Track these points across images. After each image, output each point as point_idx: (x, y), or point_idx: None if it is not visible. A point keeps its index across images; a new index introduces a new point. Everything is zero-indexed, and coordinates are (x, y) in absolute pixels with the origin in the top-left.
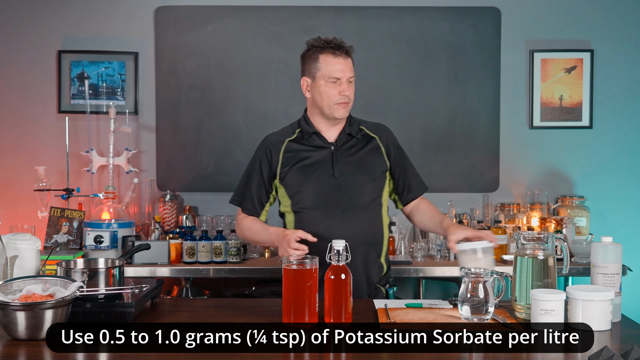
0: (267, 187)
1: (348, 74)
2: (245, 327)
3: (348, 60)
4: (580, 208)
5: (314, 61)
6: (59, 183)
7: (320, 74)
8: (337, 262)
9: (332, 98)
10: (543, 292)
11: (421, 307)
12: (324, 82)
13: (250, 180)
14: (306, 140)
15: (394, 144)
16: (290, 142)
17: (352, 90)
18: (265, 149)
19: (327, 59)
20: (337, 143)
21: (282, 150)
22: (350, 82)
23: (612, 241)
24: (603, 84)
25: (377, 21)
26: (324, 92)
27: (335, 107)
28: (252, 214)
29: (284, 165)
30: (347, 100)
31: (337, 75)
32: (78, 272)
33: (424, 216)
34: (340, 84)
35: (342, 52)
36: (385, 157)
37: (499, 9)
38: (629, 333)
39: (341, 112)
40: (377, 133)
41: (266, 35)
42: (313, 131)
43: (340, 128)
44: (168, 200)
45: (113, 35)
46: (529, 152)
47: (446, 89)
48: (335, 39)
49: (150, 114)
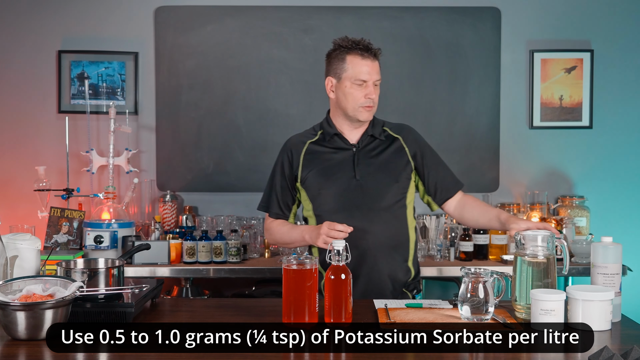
0: (290, 189)
1: (375, 77)
2: (245, 327)
3: (375, 62)
4: (580, 208)
5: (341, 61)
6: (59, 183)
7: (346, 75)
8: (337, 262)
9: (357, 101)
10: (543, 292)
11: (421, 307)
12: (350, 84)
13: (274, 184)
14: (328, 142)
15: (420, 143)
16: (312, 143)
17: (377, 94)
18: (286, 151)
19: (355, 60)
20: (359, 144)
21: (303, 152)
22: (376, 85)
23: (612, 241)
24: (603, 84)
25: (377, 21)
26: (350, 94)
27: (360, 109)
28: (280, 217)
29: (304, 168)
30: (372, 103)
31: (363, 78)
32: (78, 272)
33: (473, 212)
34: (366, 87)
35: (370, 54)
36: (410, 158)
37: (499, 9)
38: (629, 333)
39: (365, 115)
40: (400, 133)
41: (266, 35)
42: (335, 132)
43: (363, 129)
44: (168, 200)
45: (113, 35)
46: (529, 152)
47: (446, 89)
48: (364, 40)
49: (150, 114)
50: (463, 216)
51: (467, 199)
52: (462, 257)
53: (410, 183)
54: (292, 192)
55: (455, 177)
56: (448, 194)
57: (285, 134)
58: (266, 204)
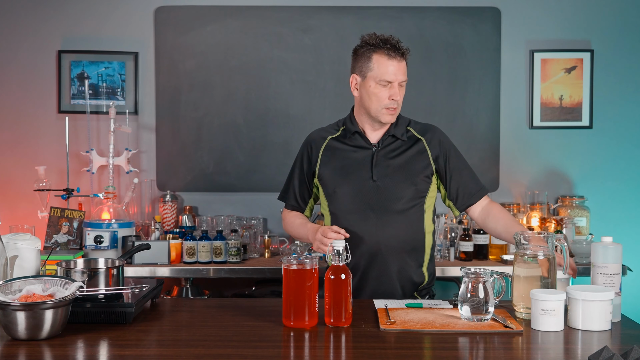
0: (308, 183)
1: (401, 78)
2: (245, 327)
3: (403, 63)
4: (580, 208)
5: (367, 60)
6: (59, 183)
7: (371, 74)
8: (337, 262)
9: (381, 101)
10: (543, 292)
11: (421, 307)
12: (375, 84)
13: (293, 176)
14: (348, 139)
15: (444, 146)
16: (332, 139)
17: (402, 95)
18: (307, 145)
19: (381, 60)
20: (380, 145)
21: (323, 148)
22: (402, 86)
23: (612, 241)
24: (603, 84)
25: (377, 21)
26: (373, 94)
27: (383, 111)
28: (296, 209)
29: (322, 164)
30: (396, 105)
31: (389, 79)
32: (78, 272)
33: (498, 224)
34: (391, 88)
35: (397, 53)
36: (432, 161)
37: (499, 9)
38: (629, 333)
39: (387, 118)
40: (424, 135)
41: (266, 35)
42: (356, 130)
43: (385, 129)
44: (168, 200)
45: (113, 35)
46: (529, 152)
47: (446, 89)
48: (392, 38)
49: (150, 114)
50: (487, 225)
51: (493, 207)
52: (462, 257)
53: (431, 186)
54: (309, 186)
55: (480, 182)
56: (470, 200)
57: (285, 134)
58: (284, 195)
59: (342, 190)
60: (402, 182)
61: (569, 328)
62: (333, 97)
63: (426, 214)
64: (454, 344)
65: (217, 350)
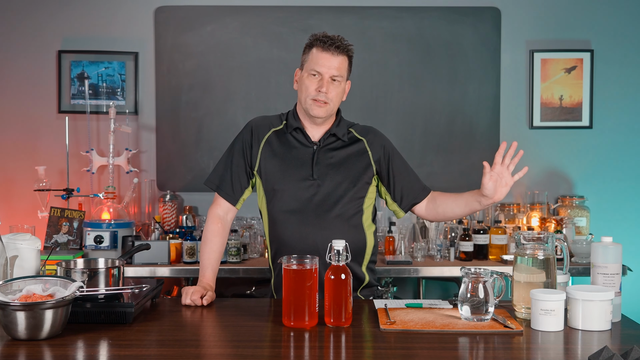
0: (247, 172)
1: (332, 72)
2: (245, 327)
3: (337, 57)
4: (580, 208)
5: (307, 53)
6: (59, 183)
7: (306, 65)
8: (337, 262)
9: (309, 91)
10: (543, 292)
11: (421, 307)
12: (307, 74)
13: (231, 162)
14: (290, 134)
15: (386, 147)
16: (275, 132)
17: (335, 91)
18: (249, 131)
19: (316, 52)
20: (320, 143)
21: (265, 140)
22: (335, 81)
23: (612, 241)
24: (603, 84)
25: (377, 21)
26: (304, 84)
27: (310, 102)
28: (229, 199)
29: (262, 157)
30: (325, 99)
31: (318, 69)
32: (78, 272)
33: (447, 204)
34: (321, 80)
35: (332, 46)
36: (372, 162)
37: (499, 9)
38: (629, 333)
39: (316, 110)
40: (365, 136)
41: (266, 35)
42: (297, 126)
43: (325, 128)
44: (168, 200)
45: (113, 35)
46: (529, 152)
47: (446, 89)
48: (336, 36)
49: (150, 114)
50: (438, 213)
51: (436, 196)
52: (462, 257)
53: (370, 187)
54: (248, 175)
55: (423, 183)
56: (415, 199)
57: None
58: (218, 182)
59: (281, 188)
60: (342, 181)
61: (569, 328)
62: None
63: (365, 215)
64: (454, 344)
65: (217, 350)
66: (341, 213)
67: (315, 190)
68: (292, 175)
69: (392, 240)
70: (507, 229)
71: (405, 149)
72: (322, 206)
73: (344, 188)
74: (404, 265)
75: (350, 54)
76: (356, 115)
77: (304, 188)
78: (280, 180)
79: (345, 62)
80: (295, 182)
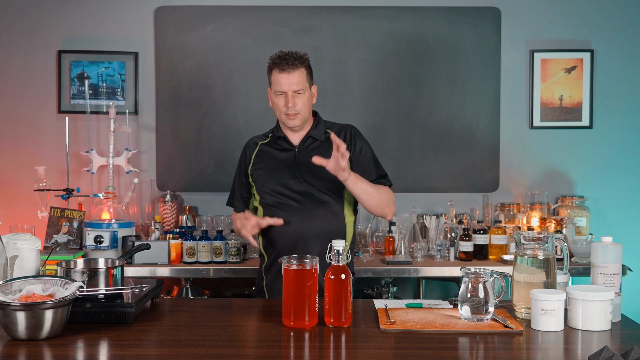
0: (246, 184)
1: (293, 87)
2: (245, 327)
3: (294, 73)
4: (580, 208)
5: (269, 75)
6: (59, 183)
7: (272, 86)
8: (337, 262)
9: (280, 108)
10: (543, 292)
11: (421, 307)
12: (275, 95)
13: (235, 181)
14: (275, 143)
15: (355, 141)
16: (263, 144)
17: (301, 102)
18: (244, 151)
19: (275, 74)
20: (300, 146)
21: (255, 153)
22: (300, 94)
23: (612, 241)
24: (603, 84)
25: (377, 21)
26: (274, 103)
27: (284, 117)
28: (241, 211)
29: (254, 165)
30: (295, 112)
31: (281, 89)
32: (78, 272)
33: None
34: (285, 97)
35: (287, 65)
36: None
37: (499, 9)
38: (629, 333)
39: (290, 122)
40: (339, 134)
41: (266, 35)
42: (280, 135)
43: (304, 132)
44: (168, 200)
45: (113, 35)
46: (529, 152)
47: (446, 89)
48: (288, 53)
49: (150, 114)
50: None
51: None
52: (462, 257)
53: None
54: (247, 186)
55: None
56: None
57: None
58: (231, 200)
59: (270, 186)
60: (322, 177)
61: (569, 328)
62: (332, 96)
63: (345, 206)
64: (454, 344)
65: (217, 350)
66: (323, 203)
67: (299, 186)
68: (277, 177)
69: (392, 240)
70: (507, 229)
71: (405, 149)
72: (305, 199)
73: (323, 182)
74: (404, 265)
75: (306, 64)
76: (356, 115)
77: (288, 186)
78: (269, 180)
79: (304, 73)
80: (280, 181)
